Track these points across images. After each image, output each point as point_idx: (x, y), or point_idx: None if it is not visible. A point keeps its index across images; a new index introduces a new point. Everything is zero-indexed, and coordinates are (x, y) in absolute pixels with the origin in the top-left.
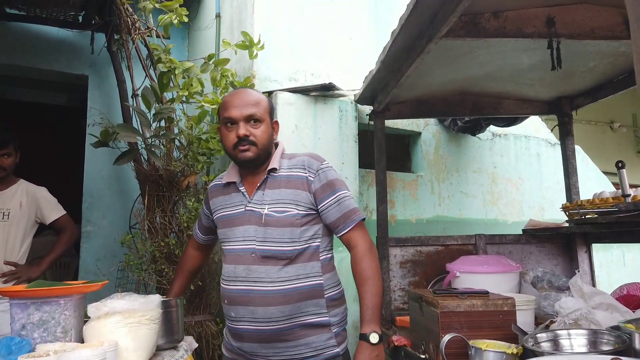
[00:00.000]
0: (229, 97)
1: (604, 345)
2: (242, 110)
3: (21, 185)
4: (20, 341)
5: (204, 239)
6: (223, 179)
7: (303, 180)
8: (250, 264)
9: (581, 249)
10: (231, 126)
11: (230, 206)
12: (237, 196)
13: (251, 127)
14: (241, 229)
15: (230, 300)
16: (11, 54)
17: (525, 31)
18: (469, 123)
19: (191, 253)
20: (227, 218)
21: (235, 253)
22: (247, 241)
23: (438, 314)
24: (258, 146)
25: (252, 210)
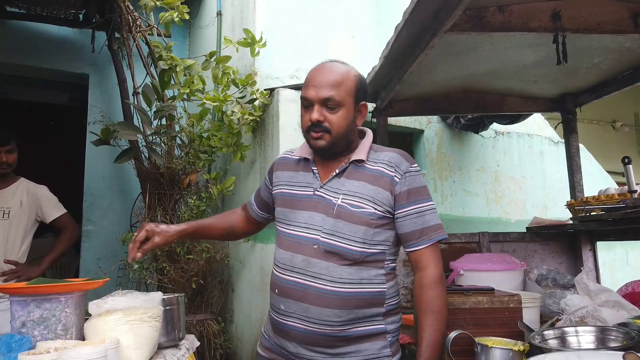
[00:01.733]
0: (311, 73)
1: (612, 342)
2: (318, 92)
3: (22, 183)
4: (20, 339)
5: (259, 214)
6: (294, 153)
7: (388, 180)
8: (310, 256)
9: (585, 247)
10: (307, 106)
11: (297, 185)
12: (307, 176)
13: (327, 111)
14: (305, 214)
15: (282, 291)
16: (11, 53)
17: (530, 25)
18: (472, 121)
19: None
20: (290, 197)
21: (294, 240)
22: (310, 229)
23: None
24: (332, 134)
25: (322, 196)
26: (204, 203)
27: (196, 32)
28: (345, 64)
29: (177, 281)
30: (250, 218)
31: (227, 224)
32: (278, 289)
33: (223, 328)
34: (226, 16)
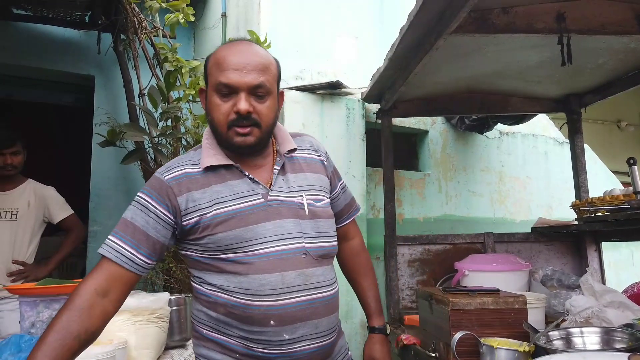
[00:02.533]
0: (226, 52)
1: (617, 343)
2: (246, 77)
3: (29, 184)
4: (30, 339)
5: (150, 264)
6: (196, 164)
7: (319, 164)
8: (304, 268)
9: (591, 247)
10: (227, 94)
11: (235, 199)
12: (242, 184)
13: (255, 100)
14: (269, 226)
15: (284, 319)
16: (18, 54)
17: (535, 27)
18: (477, 121)
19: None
20: (235, 215)
21: (272, 258)
22: (289, 240)
23: (449, 312)
24: (262, 128)
25: (278, 200)
26: None
27: (201, 34)
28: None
29: (183, 281)
30: (127, 287)
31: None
32: (276, 319)
33: None
34: (231, 17)
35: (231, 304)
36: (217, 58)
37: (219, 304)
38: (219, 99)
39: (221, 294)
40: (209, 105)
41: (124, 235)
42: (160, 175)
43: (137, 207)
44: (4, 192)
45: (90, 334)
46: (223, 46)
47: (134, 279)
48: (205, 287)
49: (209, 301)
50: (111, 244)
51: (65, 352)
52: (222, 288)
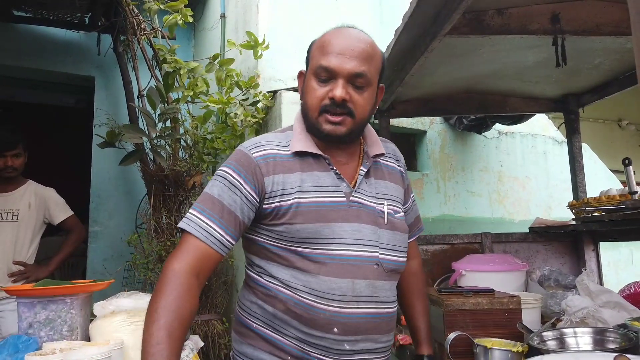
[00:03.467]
0: (332, 35)
1: (610, 344)
2: (346, 63)
3: (30, 186)
4: (27, 339)
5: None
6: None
7: (399, 175)
8: (375, 279)
9: (588, 247)
10: (325, 80)
11: (320, 191)
12: (328, 177)
13: (353, 90)
14: (347, 227)
15: (348, 329)
16: (19, 56)
17: (529, 28)
18: (475, 121)
19: (192, 286)
20: (317, 208)
21: (346, 262)
22: (364, 246)
23: (443, 313)
24: (356, 119)
25: (360, 202)
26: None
27: (200, 35)
28: (363, 31)
29: None
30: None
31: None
32: (340, 327)
33: (227, 328)
34: (230, 18)
35: (294, 301)
36: (322, 41)
37: (278, 300)
38: (316, 83)
39: (284, 289)
40: (305, 87)
41: (212, 214)
42: (247, 152)
43: (223, 183)
44: (5, 193)
45: (193, 315)
46: (330, 31)
47: (220, 260)
48: (266, 279)
49: (268, 294)
50: (198, 221)
51: (182, 336)
52: (286, 283)
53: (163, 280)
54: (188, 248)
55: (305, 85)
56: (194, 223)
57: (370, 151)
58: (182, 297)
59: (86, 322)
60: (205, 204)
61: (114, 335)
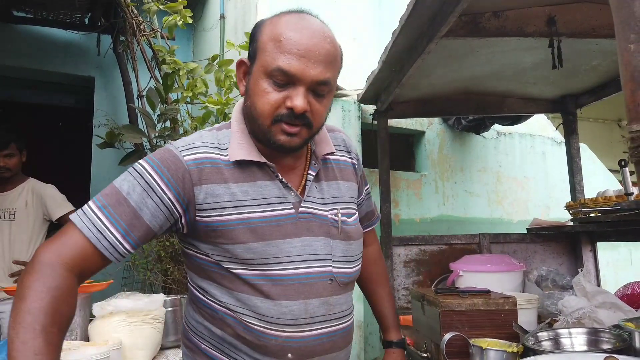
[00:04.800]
0: (291, 28)
1: (605, 344)
2: (313, 69)
3: (28, 184)
4: None
5: (129, 252)
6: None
7: (351, 169)
8: (329, 296)
9: (586, 247)
10: (282, 84)
11: (264, 204)
12: (273, 188)
13: (314, 98)
14: (297, 242)
15: (302, 353)
16: (19, 56)
17: (526, 30)
18: (473, 122)
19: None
20: (261, 224)
21: (297, 282)
22: (317, 262)
23: (439, 313)
24: (312, 130)
25: (310, 213)
26: None
27: (200, 35)
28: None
29: (181, 282)
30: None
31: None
32: (294, 352)
33: None
34: (229, 19)
35: (242, 327)
36: (276, 32)
37: (226, 324)
38: (270, 86)
39: (231, 313)
40: (253, 87)
41: (113, 214)
42: (177, 153)
43: (137, 181)
44: (3, 192)
45: (71, 322)
46: (285, 17)
47: (106, 265)
48: (211, 300)
49: (214, 317)
50: (93, 218)
51: (61, 346)
52: (231, 309)
53: (39, 272)
54: (75, 245)
55: (253, 83)
56: (87, 220)
57: (319, 150)
58: (63, 299)
59: (85, 323)
60: (109, 201)
61: (112, 336)
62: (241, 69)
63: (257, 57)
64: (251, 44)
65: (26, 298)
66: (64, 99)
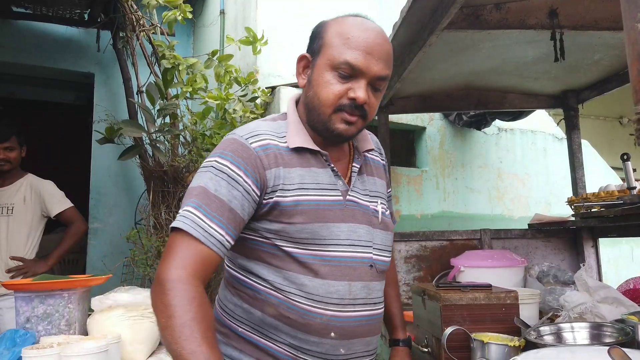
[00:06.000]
0: (356, 28)
1: (607, 338)
2: (376, 64)
3: (27, 179)
4: (24, 334)
5: (231, 245)
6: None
7: (382, 168)
8: (369, 280)
9: (587, 243)
10: (347, 77)
11: (319, 188)
12: (326, 175)
13: (372, 92)
14: (344, 227)
15: (345, 333)
16: (18, 52)
17: (527, 23)
18: (474, 117)
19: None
20: (315, 207)
21: (342, 264)
22: (359, 247)
23: (440, 307)
24: (365, 122)
25: (355, 202)
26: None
27: (200, 31)
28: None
29: None
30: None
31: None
32: (337, 331)
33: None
34: (229, 14)
35: (287, 306)
36: (344, 31)
37: (269, 304)
38: (334, 77)
39: (275, 292)
40: (317, 78)
41: (210, 212)
42: (244, 141)
43: (219, 176)
44: (1, 188)
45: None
46: (350, 19)
47: (218, 263)
48: (254, 281)
49: (256, 298)
50: (196, 219)
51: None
52: (277, 287)
53: (174, 290)
54: (188, 251)
55: (317, 75)
56: (192, 222)
57: (361, 146)
58: (205, 306)
59: (84, 317)
60: (202, 200)
61: (111, 330)
62: (301, 63)
63: (322, 51)
64: (314, 41)
65: (174, 315)
66: (63, 95)
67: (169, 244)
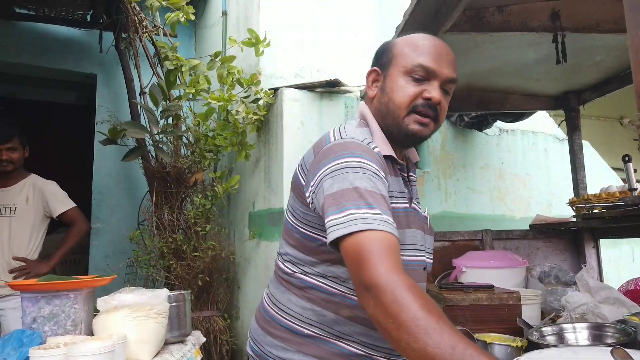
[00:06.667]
0: (424, 39)
1: (609, 339)
2: (446, 67)
3: (30, 180)
4: (31, 334)
5: None
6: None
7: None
8: (423, 282)
9: (589, 244)
10: (421, 79)
11: (399, 197)
12: (400, 183)
13: (443, 95)
14: (410, 233)
15: None
16: (21, 53)
17: (530, 25)
18: (476, 118)
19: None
20: (399, 213)
21: (409, 266)
22: (417, 251)
23: (443, 308)
24: (437, 125)
25: (415, 209)
26: (209, 201)
27: (202, 32)
28: None
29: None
30: None
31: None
32: None
33: (229, 324)
34: (231, 16)
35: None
36: (413, 41)
37: (343, 305)
38: (408, 82)
39: (352, 296)
40: (391, 85)
41: (386, 211)
42: (365, 144)
43: (366, 174)
44: (4, 188)
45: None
46: (415, 34)
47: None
48: (329, 285)
49: (330, 301)
50: (385, 218)
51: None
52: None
53: (393, 291)
54: (390, 249)
55: (390, 82)
56: (384, 223)
57: (412, 157)
58: (424, 295)
59: (89, 317)
60: (375, 201)
61: (116, 330)
62: (371, 77)
63: (394, 62)
64: (382, 56)
65: (403, 315)
66: (66, 96)
67: (361, 250)
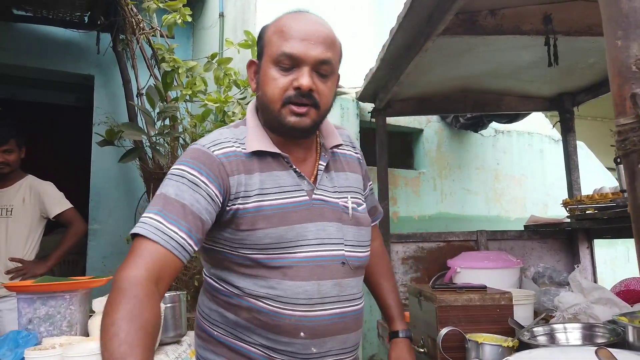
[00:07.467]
0: (291, 20)
1: (599, 339)
2: (314, 49)
3: (26, 180)
4: (27, 335)
5: (194, 250)
6: (246, 145)
7: (356, 162)
8: (341, 278)
9: (583, 244)
10: (288, 68)
11: (281, 192)
12: (287, 177)
13: (318, 78)
14: (312, 227)
15: (315, 332)
16: (19, 54)
17: (522, 28)
18: (471, 120)
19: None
20: (279, 211)
21: (312, 264)
22: (330, 245)
23: (436, 308)
24: (320, 111)
25: (323, 200)
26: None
27: (199, 33)
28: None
29: (179, 279)
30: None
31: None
32: (307, 331)
33: None
34: (228, 17)
35: (257, 309)
36: (279, 26)
37: (241, 308)
38: (277, 72)
39: (247, 297)
40: (263, 78)
41: (171, 216)
42: (206, 150)
43: (181, 182)
44: (1, 189)
45: (159, 326)
46: (286, 14)
47: (180, 268)
48: (227, 288)
49: (230, 303)
50: (156, 224)
51: (151, 347)
52: (248, 292)
53: (117, 290)
54: (143, 253)
55: (262, 74)
56: (151, 227)
57: (327, 143)
58: (143, 304)
59: (85, 318)
60: (163, 206)
61: None
62: (252, 69)
63: (264, 52)
64: (258, 45)
65: (109, 313)
66: (63, 97)
67: (132, 248)
